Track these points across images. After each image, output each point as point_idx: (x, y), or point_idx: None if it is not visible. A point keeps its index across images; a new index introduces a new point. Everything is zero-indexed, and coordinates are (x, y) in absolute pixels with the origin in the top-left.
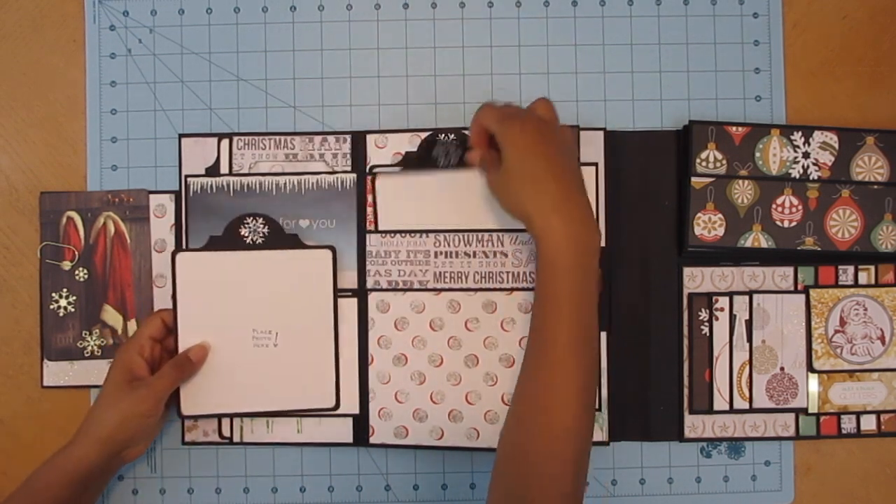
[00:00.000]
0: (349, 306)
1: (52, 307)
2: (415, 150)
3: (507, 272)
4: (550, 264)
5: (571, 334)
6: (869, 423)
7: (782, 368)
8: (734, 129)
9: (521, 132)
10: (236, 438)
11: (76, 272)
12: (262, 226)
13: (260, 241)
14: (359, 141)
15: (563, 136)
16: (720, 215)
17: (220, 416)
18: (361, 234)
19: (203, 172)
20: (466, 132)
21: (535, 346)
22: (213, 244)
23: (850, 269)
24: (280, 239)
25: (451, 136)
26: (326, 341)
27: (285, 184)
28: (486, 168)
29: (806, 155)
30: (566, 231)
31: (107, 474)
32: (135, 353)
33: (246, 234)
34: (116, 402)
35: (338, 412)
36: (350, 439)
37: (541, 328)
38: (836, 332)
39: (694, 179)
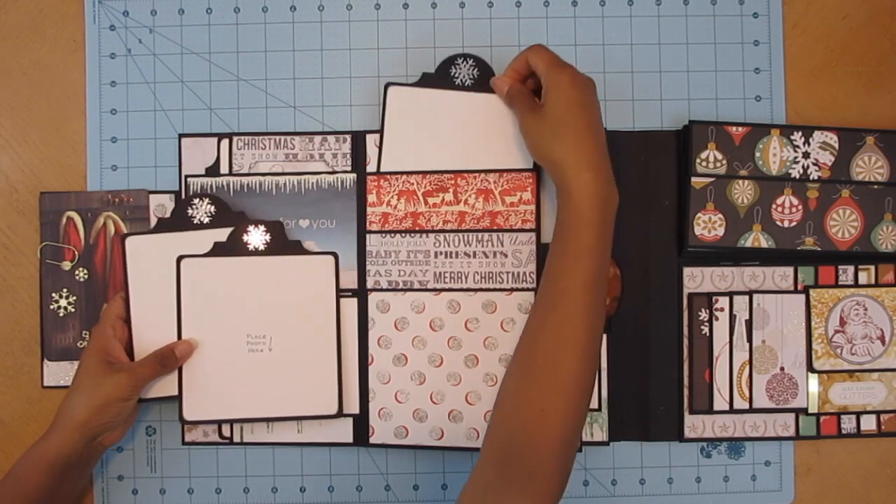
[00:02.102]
0: (349, 306)
1: (52, 307)
2: (433, 71)
3: (507, 272)
4: (577, 216)
5: (587, 287)
6: (869, 423)
7: (782, 368)
8: (734, 129)
9: (572, 83)
10: (236, 438)
11: (76, 272)
12: (263, 233)
13: (262, 247)
14: (359, 141)
15: (597, 98)
16: (720, 215)
17: (221, 422)
18: (361, 234)
19: (203, 172)
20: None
21: (548, 299)
22: (218, 250)
23: (850, 269)
24: (283, 245)
25: (470, 60)
26: (328, 347)
27: (285, 184)
28: (514, 103)
29: (806, 155)
30: (595, 186)
31: (88, 460)
32: (109, 336)
33: (249, 242)
34: (94, 386)
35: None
36: (350, 439)
37: (556, 279)
38: (836, 332)
39: (694, 179)
